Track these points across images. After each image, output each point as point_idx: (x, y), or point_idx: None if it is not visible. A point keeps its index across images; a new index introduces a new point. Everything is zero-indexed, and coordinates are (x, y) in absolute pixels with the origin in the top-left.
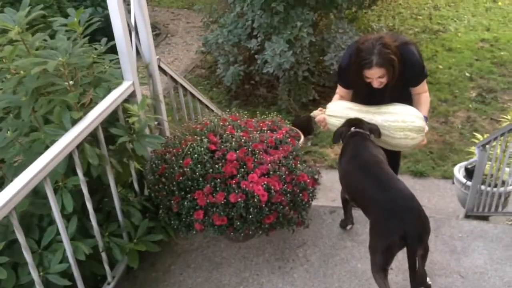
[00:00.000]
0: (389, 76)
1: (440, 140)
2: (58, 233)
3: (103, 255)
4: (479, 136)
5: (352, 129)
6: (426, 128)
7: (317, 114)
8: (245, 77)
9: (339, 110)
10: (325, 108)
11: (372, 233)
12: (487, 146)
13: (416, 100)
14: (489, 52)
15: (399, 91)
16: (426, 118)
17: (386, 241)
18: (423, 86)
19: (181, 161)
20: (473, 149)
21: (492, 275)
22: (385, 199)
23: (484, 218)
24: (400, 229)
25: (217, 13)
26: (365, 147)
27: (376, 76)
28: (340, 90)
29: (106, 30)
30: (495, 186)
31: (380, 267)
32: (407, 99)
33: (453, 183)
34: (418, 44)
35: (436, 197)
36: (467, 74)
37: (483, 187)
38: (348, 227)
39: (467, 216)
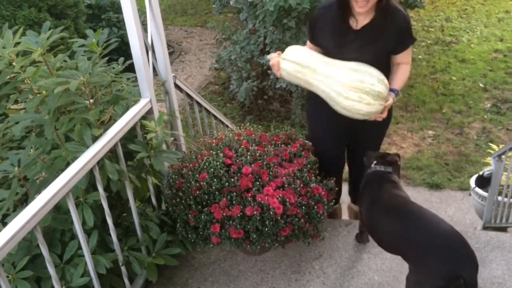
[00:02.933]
0: None
1: (456, 152)
2: (79, 248)
3: (123, 269)
4: (494, 146)
5: (372, 165)
6: (390, 100)
7: (273, 56)
8: (258, 92)
9: (297, 56)
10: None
11: (417, 279)
12: (503, 156)
13: (394, 70)
14: (503, 62)
15: (379, 55)
16: (396, 91)
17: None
18: (407, 55)
19: (197, 176)
20: (489, 159)
21: (510, 285)
22: (433, 245)
23: (503, 229)
24: (458, 277)
25: (229, 30)
26: (383, 190)
27: None
28: (308, 42)
29: (121, 49)
30: None
31: None
32: (385, 70)
33: (470, 194)
34: (431, 56)
35: (453, 209)
36: (481, 85)
37: (500, 198)
38: (363, 242)
39: (485, 228)
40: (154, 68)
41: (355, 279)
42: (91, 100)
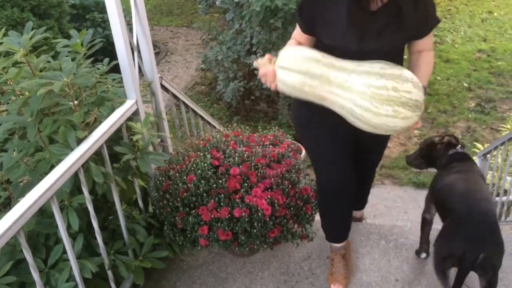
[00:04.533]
0: None
1: None
2: (64, 252)
3: (109, 273)
4: (479, 146)
5: (456, 149)
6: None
7: (263, 64)
8: (245, 92)
9: (296, 61)
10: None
11: (440, 236)
12: (488, 155)
13: (414, 60)
14: (486, 62)
15: (402, 42)
16: (425, 89)
17: (444, 253)
18: (430, 39)
19: (185, 177)
20: (474, 159)
21: (498, 284)
22: (462, 209)
23: None
24: (461, 247)
25: (216, 30)
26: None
27: None
28: (297, 33)
29: (106, 50)
30: (497, 195)
31: (438, 270)
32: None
33: None
34: None
35: None
36: (465, 84)
37: None
38: (423, 255)
39: None
40: (140, 69)
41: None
42: (76, 102)
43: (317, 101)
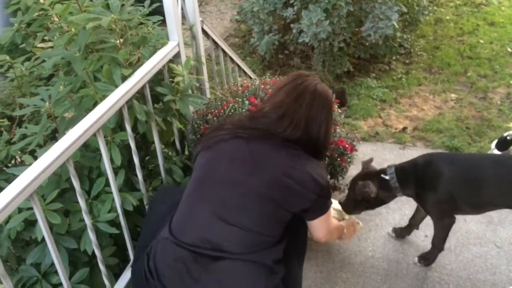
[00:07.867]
0: None
1: (478, 116)
2: (106, 185)
3: (148, 208)
4: None
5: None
6: None
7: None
8: (279, 46)
9: None
10: None
11: None
12: None
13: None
14: None
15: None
16: None
17: None
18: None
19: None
20: (511, 125)
21: None
22: None
23: None
24: None
25: None
26: None
27: None
28: None
29: None
30: None
31: None
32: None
33: None
34: (459, 17)
35: None
36: (509, 49)
37: None
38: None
39: None
40: (182, 12)
41: (373, 232)
42: (121, 40)
43: None
